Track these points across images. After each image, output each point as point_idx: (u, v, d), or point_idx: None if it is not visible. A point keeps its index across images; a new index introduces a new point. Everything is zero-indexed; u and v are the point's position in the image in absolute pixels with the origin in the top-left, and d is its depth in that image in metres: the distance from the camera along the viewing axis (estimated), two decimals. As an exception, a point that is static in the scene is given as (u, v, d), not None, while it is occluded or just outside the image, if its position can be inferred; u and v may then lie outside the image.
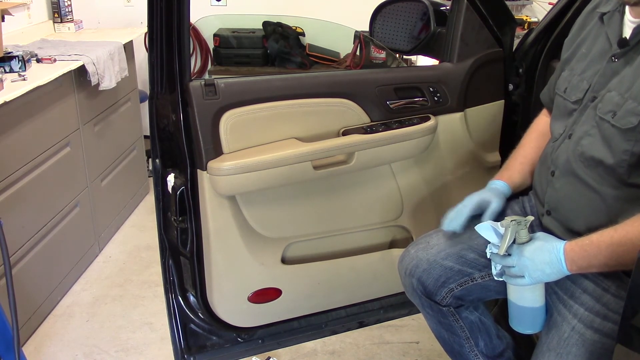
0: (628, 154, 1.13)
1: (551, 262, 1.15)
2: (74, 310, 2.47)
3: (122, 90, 3.01)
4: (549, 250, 1.16)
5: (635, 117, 1.11)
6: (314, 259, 1.80)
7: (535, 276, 1.17)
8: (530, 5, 3.89)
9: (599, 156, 1.18)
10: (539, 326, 1.30)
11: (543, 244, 1.18)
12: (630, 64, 1.15)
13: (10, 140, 2.11)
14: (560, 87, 1.33)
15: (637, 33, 1.14)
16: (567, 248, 1.15)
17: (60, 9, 3.20)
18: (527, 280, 1.18)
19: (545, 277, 1.17)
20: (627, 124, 1.12)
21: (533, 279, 1.18)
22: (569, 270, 1.15)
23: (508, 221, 1.21)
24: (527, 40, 1.80)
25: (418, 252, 1.49)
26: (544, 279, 1.18)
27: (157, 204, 1.64)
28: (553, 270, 1.16)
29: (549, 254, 1.15)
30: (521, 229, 1.20)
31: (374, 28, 2.03)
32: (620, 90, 1.15)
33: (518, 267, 1.19)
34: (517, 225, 1.20)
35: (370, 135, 1.63)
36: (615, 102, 1.15)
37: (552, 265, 1.15)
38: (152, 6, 1.41)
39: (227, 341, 1.82)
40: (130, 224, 3.16)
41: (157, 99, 1.52)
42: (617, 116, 1.14)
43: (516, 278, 1.20)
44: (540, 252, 1.17)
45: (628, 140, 1.13)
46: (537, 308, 1.27)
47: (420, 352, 2.21)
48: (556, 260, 1.15)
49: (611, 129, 1.16)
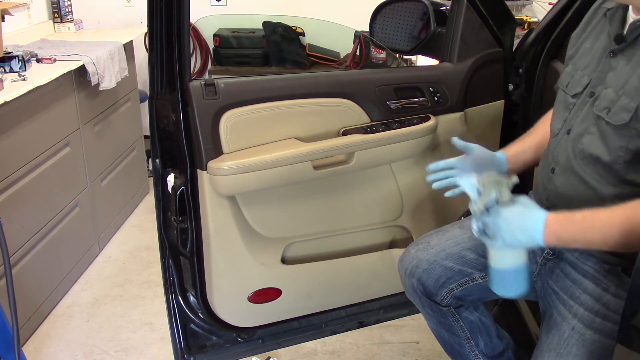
0: (623, 150, 1.13)
1: (526, 229, 1.12)
2: (74, 310, 2.47)
3: (122, 90, 3.01)
4: (527, 217, 1.13)
5: (627, 113, 1.11)
6: (314, 259, 1.80)
7: (507, 239, 1.14)
8: (530, 5, 3.89)
9: (597, 153, 1.18)
10: (521, 289, 1.25)
11: (523, 209, 1.14)
12: (627, 60, 1.15)
13: (10, 140, 2.11)
14: (563, 81, 1.34)
15: (634, 29, 1.14)
16: (551, 219, 1.12)
17: (60, 9, 3.20)
18: (499, 242, 1.15)
19: (516, 242, 1.14)
20: (620, 121, 1.12)
21: (505, 242, 1.15)
22: (544, 242, 1.12)
23: (488, 177, 1.18)
24: (527, 40, 1.81)
25: (418, 252, 1.49)
26: (515, 245, 1.15)
27: (157, 204, 1.64)
28: (526, 238, 1.13)
29: (526, 221, 1.13)
30: (503, 189, 1.16)
31: (374, 28, 2.03)
32: (615, 86, 1.16)
33: (493, 226, 1.15)
34: (496, 183, 1.16)
35: (370, 135, 1.63)
36: (611, 99, 1.16)
37: (527, 232, 1.12)
38: (152, 6, 1.41)
39: (227, 341, 1.82)
40: (130, 224, 3.16)
41: (157, 99, 1.52)
42: (611, 112, 1.15)
43: (491, 239, 1.17)
44: (517, 217, 1.14)
45: (622, 137, 1.13)
46: (516, 270, 1.22)
47: (420, 352, 2.21)
48: (532, 228, 1.12)
49: (606, 126, 1.16)
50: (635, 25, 1.14)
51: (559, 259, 1.32)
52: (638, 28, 1.13)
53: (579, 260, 1.27)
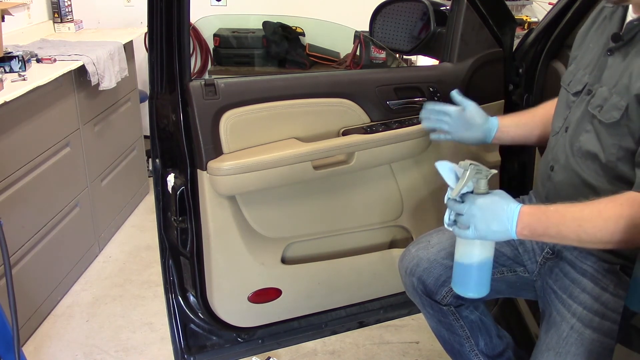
0: (616, 148, 1.13)
1: (501, 220, 1.11)
2: (74, 310, 2.47)
3: (122, 90, 3.01)
4: (502, 207, 1.12)
5: (618, 111, 1.12)
6: (314, 259, 1.80)
7: (480, 229, 1.13)
8: (530, 5, 3.89)
9: (593, 151, 1.18)
10: (483, 291, 1.24)
11: (499, 200, 1.13)
12: (622, 59, 1.16)
13: (10, 140, 2.12)
14: (566, 80, 1.34)
15: (630, 28, 1.14)
16: (525, 211, 1.11)
17: (60, 9, 3.20)
18: (471, 232, 1.13)
19: (490, 233, 1.13)
20: (611, 119, 1.13)
21: (478, 232, 1.13)
22: (517, 234, 1.11)
23: (466, 163, 1.16)
24: (527, 40, 1.81)
25: (418, 251, 1.49)
26: (488, 236, 1.14)
27: (157, 204, 1.64)
28: (500, 229, 1.12)
29: (501, 212, 1.12)
30: (481, 179, 1.15)
31: (374, 28, 2.03)
32: (609, 85, 1.16)
33: (466, 215, 1.14)
34: (476, 171, 1.14)
35: (370, 135, 1.63)
36: (604, 97, 1.16)
37: (501, 223, 1.11)
38: (152, 6, 1.41)
39: (227, 341, 1.82)
40: (130, 224, 3.16)
41: (157, 99, 1.52)
42: (602, 110, 1.15)
43: (462, 229, 1.16)
44: (493, 207, 1.13)
45: (615, 135, 1.13)
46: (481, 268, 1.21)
47: (420, 352, 2.21)
48: (507, 220, 1.11)
49: (599, 124, 1.16)
50: (632, 24, 1.14)
51: (558, 258, 1.32)
52: (635, 27, 1.13)
53: (578, 259, 1.27)
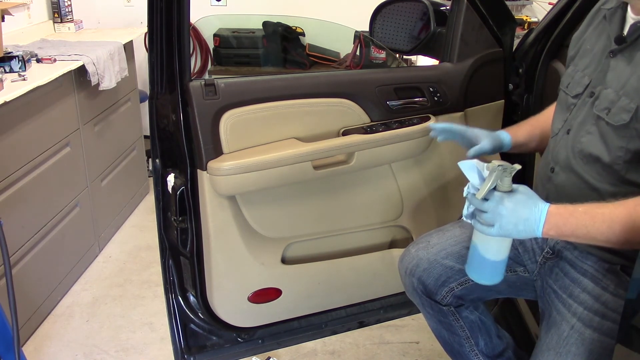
0: (623, 150, 1.13)
1: (527, 220, 1.09)
2: (74, 310, 2.47)
3: (122, 90, 3.01)
4: (530, 207, 1.10)
5: (627, 113, 1.12)
6: (314, 259, 1.80)
7: (506, 228, 1.10)
8: (530, 5, 3.89)
9: (596, 153, 1.18)
10: (497, 279, 1.24)
11: (526, 199, 1.11)
12: (627, 61, 1.15)
13: (10, 140, 2.11)
14: (564, 82, 1.34)
15: (634, 30, 1.14)
16: (553, 211, 1.09)
17: (60, 9, 3.20)
18: (496, 230, 1.11)
19: (515, 232, 1.11)
20: (620, 121, 1.13)
21: (503, 230, 1.11)
22: (543, 233, 1.10)
23: (495, 165, 1.13)
24: (527, 40, 1.81)
25: (418, 252, 1.49)
26: (513, 234, 1.12)
27: (157, 204, 1.64)
28: (526, 228, 1.10)
29: (529, 211, 1.10)
30: (505, 177, 1.13)
31: (374, 28, 2.03)
32: (615, 87, 1.16)
33: (492, 214, 1.11)
34: (502, 171, 1.13)
35: (370, 135, 1.63)
36: (611, 99, 1.16)
37: (528, 223, 1.10)
38: (152, 6, 1.41)
39: (227, 341, 1.82)
40: (130, 224, 3.16)
41: (157, 99, 1.52)
42: (611, 113, 1.15)
43: (485, 225, 1.13)
44: (521, 206, 1.10)
45: (622, 137, 1.13)
46: (499, 262, 1.21)
47: (420, 352, 2.21)
48: (534, 219, 1.10)
49: (606, 126, 1.16)
50: (636, 26, 1.14)
51: (558, 258, 1.32)
52: (638, 29, 1.13)
53: (578, 259, 1.27)
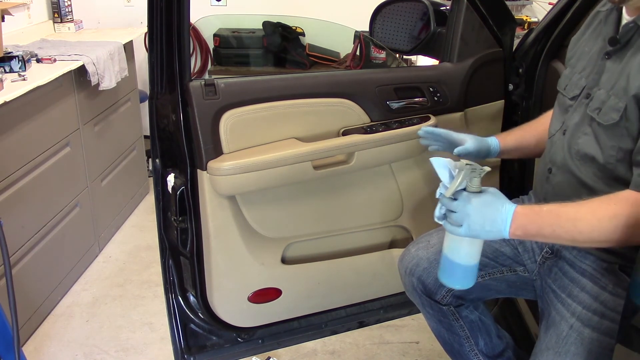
0: (615, 149, 1.14)
1: (494, 220, 1.10)
2: (74, 310, 2.47)
3: (122, 90, 3.01)
4: (497, 207, 1.11)
5: (616, 112, 1.12)
6: (314, 259, 1.80)
7: (473, 228, 1.11)
8: (530, 5, 3.89)
9: (592, 153, 1.18)
10: (469, 284, 1.24)
11: (494, 199, 1.12)
12: (619, 62, 1.16)
13: (10, 140, 2.12)
14: (562, 84, 1.34)
15: (627, 31, 1.15)
16: (519, 212, 1.10)
17: (60, 9, 3.20)
18: (464, 230, 1.12)
19: (483, 233, 1.12)
20: (609, 120, 1.13)
21: (470, 230, 1.12)
22: (510, 234, 1.11)
23: (463, 164, 1.15)
24: (527, 40, 1.81)
25: (418, 251, 1.50)
26: (480, 235, 1.13)
27: (157, 204, 1.64)
28: (493, 229, 1.11)
29: (496, 212, 1.11)
30: (474, 177, 1.14)
31: (374, 28, 2.03)
32: (607, 87, 1.17)
33: (460, 214, 1.12)
34: (471, 171, 1.14)
35: (370, 135, 1.63)
36: (602, 100, 1.17)
37: (495, 223, 1.10)
38: (152, 6, 1.41)
39: (227, 341, 1.82)
40: (130, 224, 3.16)
41: (157, 99, 1.52)
42: (601, 113, 1.16)
43: (454, 226, 1.14)
44: (488, 207, 1.11)
45: (614, 137, 1.14)
46: (470, 266, 1.21)
47: (420, 352, 2.21)
48: (501, 220, 1.10)
49: (598, 127, 1.17)
50: (628, 27, 1.14)
51: (557, 258, 1.33)
52: (631, 29, 1.14)
53: (577, 258, 1.27)
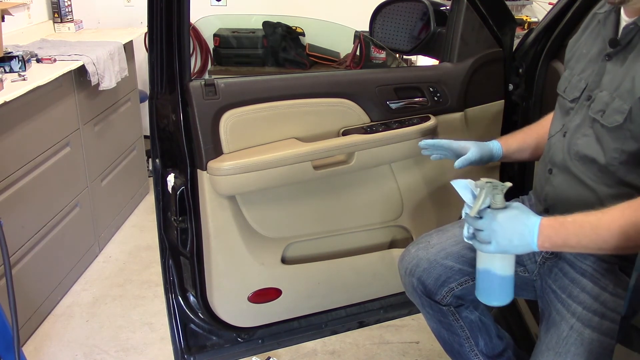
0: (618, 152, 1.14)
1: (522, 234, 1.11)
2: (74, 310, 2.47)
3: (122, 90, 3.01)
4: (523, 221, 1.12)
5: (621, 115, 1.12)
6: (314, 259, 1.80)
7: (502, 244, 1.13)
8: (530, 5, 3.89)
9: (592, 155, 1.18)
10: (507, 298, 1.25)
11: (518, 213, 1.13)
12: (621, 64, 1.16)
13: (10, 140, 2.12)
14: (561, 87, 1.35)
15: (627, 33, 1.15)
16: (545, 223, 1.11)
17: (60, 9, 3.20)
18: (493, 247, 1.13)
19: (511, 247, 1.13)
20: (614, 122, 1.13)
21: (499, 246, 1.13)
22: (538, 246, 1.12)
23: (483, 182, 1.16)
24: (527, 40, 1.81)
25: (418, 252, 1.50)
26: (509, 250, 1.14)
27: (157, 204, 1.64)
28: (521, 243, 1.12)
29: (522, 226, 1.12)
30: (497, 194, 1.15)
31: (374, 28, 2.03)
32: (610, 89, 1.17)
33: (487, 231, 1.13)
34: (492, 188, 1.15)
35: (370, 135, 1.63)
36: (605, 102, 1.17)
37: (523, 237, 1.11)
38: (152, 6, 1.41)
39: (227, 341, 1.82)
40: (130, 224, 3.16)
41: (157, 99, 1.52)
42: (605, 115, 1.16)
43: (483, 243, 1.15)
44: (514, 221, 1.12)
45: (617, 139, 1.14)
46: (505, 277, 1.22)
47: (420, 352, 2.21)
48: (528, 233, 1.11)
49: (601, 128, 1.17)
50: (629, 28, 1.15)
51: (557, 258, 1.32)
52: (631, 31, 1.14)
53: (577, 259, 1.27)
